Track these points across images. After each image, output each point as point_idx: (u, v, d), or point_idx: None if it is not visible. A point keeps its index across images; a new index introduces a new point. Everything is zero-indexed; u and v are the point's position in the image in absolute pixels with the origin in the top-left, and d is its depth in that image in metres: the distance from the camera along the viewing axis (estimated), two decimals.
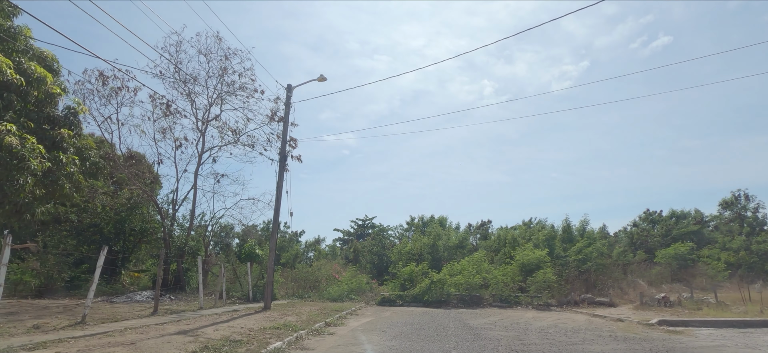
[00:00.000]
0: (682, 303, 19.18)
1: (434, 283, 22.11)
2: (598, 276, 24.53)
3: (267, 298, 16.98)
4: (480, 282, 22.17)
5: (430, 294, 21.98)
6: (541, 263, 24.03)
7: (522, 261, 24.43)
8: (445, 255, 31.46)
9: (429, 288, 22.15)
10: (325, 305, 20.63)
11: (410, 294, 22.74)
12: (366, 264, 38.08)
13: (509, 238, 32.59)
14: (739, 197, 43.97)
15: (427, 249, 32.09)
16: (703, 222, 43.47)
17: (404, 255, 32.29)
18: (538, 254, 24.17)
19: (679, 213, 44.10)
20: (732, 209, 44.34)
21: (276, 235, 17.54)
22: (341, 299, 23.49)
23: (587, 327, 13.62)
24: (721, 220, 44.93)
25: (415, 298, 22.38)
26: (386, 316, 16.88)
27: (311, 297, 24.65)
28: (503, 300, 21.66)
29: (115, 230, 23.90)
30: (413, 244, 33.14)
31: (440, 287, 22.04)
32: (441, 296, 21.89)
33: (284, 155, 17.65)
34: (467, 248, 33.27)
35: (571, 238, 28.98)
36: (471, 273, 22.60)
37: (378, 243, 38.59)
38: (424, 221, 38.80)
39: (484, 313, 18.27)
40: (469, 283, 22.04)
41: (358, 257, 40.76)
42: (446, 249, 31.79)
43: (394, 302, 22.59)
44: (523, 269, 24.39)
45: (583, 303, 20.70)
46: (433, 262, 30.79)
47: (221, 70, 22.11)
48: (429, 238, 32.28)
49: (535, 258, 24.03)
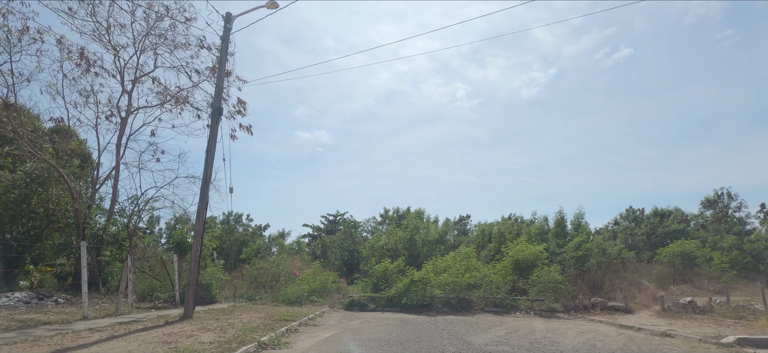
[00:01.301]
0: (716, 310, 15.25)
1: (415, 283, 17.50)
2: (601, 275, 20.51)
3: (189, 303, 11.96)
4: (469, 281, 17.69)
5: (409, 297, 17.35)
6: (538, 260, 19.82)
7: (515, 258, 20.13)
8: (424, 251, 26.94)
9: (408, 289, 17.52)
10: (276, 310, 15.67)
11: (385, 296, 18.05)
12: (334, 261, 33.19)
13: (495, 233, 28.42)
14: (722, 196, 41.35)
15: (403, 244, 27.51)
16: (686, 221, 40.63)
17: (377, 251, 27.62)
18: (535, 249, 19.94)
19: (662, 211, 41.11)
20: (714, 208, 41.74)
21: (204, 214, 12.48)
22: (300, 301, 18.58)
23: (634, 346, 9.28)
24: (703, 219, 42.26)
25: (391, 301, 17.71)
26: (354, 327, 12.14)
27: (263, 298, 19.61)
28: (497, 304, 17.26)
29: (11, 213, 18.18)
30: (387, 238, 28.51)
31: (422, 288, 17.44)
32: (423, 298, 17.30)
33: (218, 108, 12.66)
34: (448, 243, 28.91)
35: (564, 233, 25.01)
36: (458, 271, 18.12)
37: (348, 238, 33.72)
38: (399, 214, 34.23)
39: (480, 322, 13.77)
40: (457, 283, 17.54)
41: (326, 252, 35.81)
42: (425, 244, 27.29)
43: (365, 305, 17.85)
44: (517, 267, 20.11)
45: (594, 309, 16.53)
46: (411, 259, 26.23)
47: (148, 6, 16.75)
48: (405, 231, 27.72)
49: (531, 254, 19.78)
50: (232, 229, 42.80)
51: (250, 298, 19.50)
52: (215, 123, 12.58)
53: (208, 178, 12.36)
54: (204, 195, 12.36)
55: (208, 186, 12.41)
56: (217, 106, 12.62)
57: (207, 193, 12.41)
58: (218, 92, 12.79)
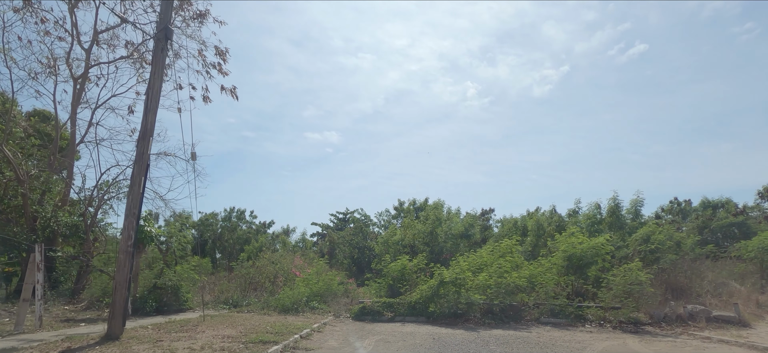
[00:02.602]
0: None
1: (445, 285, 13.08)
2: (681, 275, 15.89)
3: (115, 317, 7.82)
4: (519, 283, 13.21)
5: (438, 303, 12.97)
6: (598, 255, 15.28)
7: (569, 253, 15.58)
8: (448, 247, 22.51)
9: (436, 293, 13.15)
10: (262, 321, 11.43)
11: (406, 302, 13.70)
12: (343, 260, 28.94)
13: (531, 226, 23.81)
14: None
15: (422, 238, 23.11)
16: (743, 212, 35.36)
17: (392, 247, 23.28)
18: (595, 242, 15.36)
19: (714, 202, 35.94)
20: None
21: (140, 183, 8.23)
22: (297, 308, 14.32)
23: None
24: (760, 210, 36.89)
25: (414, 308, 13.36)
26: (366, 350, 7.83)
27: (252, 304, 15.38)
28: (556, 313, 12.77)
29: None
30: (404, 232, 24.13)
31: (455, 291, 13.03)
32: (456, 305, 12.89)
33: (165, 29, 8.44)
34: (473, 238, 24.34)
35: (620, 223, 20.31)
36: (502, 268, 13.62)
37: (358, 233, 29.42)
38: (416, 206, 29.79)
39: (545, 342, 9.34)
40: (502, 285, 13.08)
41: (334, 250, 31.58)
42: (449, 238, 22.84)
43: (380, 314, 13.52)
44: (571, 265, 15.59)
45: (694, 320, 11.94)
46: (432, 256, 21.82)
47: None
48: (425, 224, 23.28)
49: (590, 248, 15.22)
50: (234, 226, 38.90)
51: (236, 304, 15.27)
52: (159, 52, 8.42)
53: (147, 131, 8.19)
54: (141, 155, 8.17)
55: (148, 143, 8.23)
56: (164, 26, 8.45)
57: (146, 152, 8.22)
58: (166, 6, 8.61)
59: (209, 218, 38.51)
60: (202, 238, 37.29)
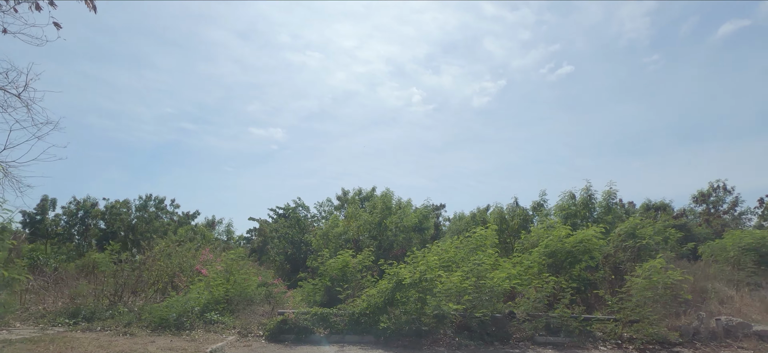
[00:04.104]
0: None
1: (403, 288, 8.74)
2: None
3: None
4: (504, 286, 9.16)
5: (393, 315, 8.65)
6: (587, 252, 11.85)
7: (552, 248, 11.96)
8: (399, 241, 18.32)
9: (390, 301, 8.80)
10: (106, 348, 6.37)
11: (346, 314, 9.19)
12: (276, 256, 23.84)
13: (491, 219, 20.25)
14: (718, 189, 35.69)
15: (369, 231, 18.78)
16: (684, 215, 34.57)
17: (333, 240, 18.77)
18: (584, 236, 11.86)
19: (655, 205, 34.83)
20: (707, 203, 36.07)
21: None
22: (185, 323, 9.30)
23: None
24: (694, 215, 36.48)
25: (358, 323, 8.90)
26: None
27: (120, 316, 10.06)
28: (554, 329, 8.86)
29: None
30: (347, 223, 19.65)
31: (419, 297, 8.72)
32: (419, 319, 8.61)
33: None
34: (428, 233, 20.36)
35: (593, 216, 17.27)
36: (483, 266, 9.49)
37: (294, 226, 24.43)
38: (362, 196, 25.31)
39: None
40: (483, 289, 8.96)
41: (267, 245, 26.34)
42: (400, 232, 18.65)
43: (308, 332, 8.90)
44: (555, 262, 11.99)
45: (736, 338, 8.56)
46: (380, 251, 17.56)
47: None
48: (372, 215, 18.95)
49: (579, 243, 11.75)
50: (151, 216, 32.18)
51: (91, 316, 9.85)
52: None
53: None
54: None
55: None
56: None
57: None
58: None
59: (118, 206, 31.43)
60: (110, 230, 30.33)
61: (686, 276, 9.19)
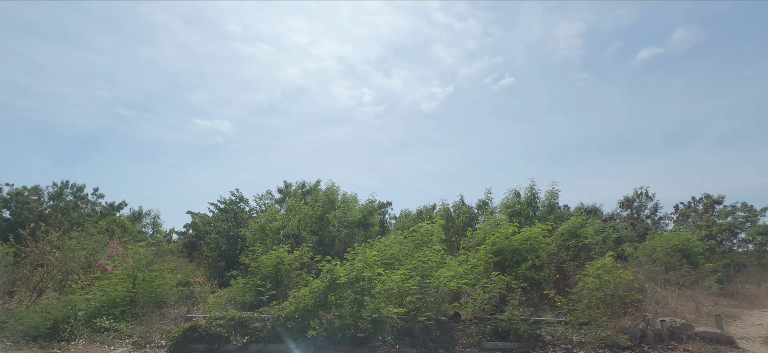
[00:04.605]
0: None
1: (338, 288, 7.41)
2: None
3: None
4: (450, 286, 8.10)
5: (325, 320, 7.29)
6: (533, 250, 11.26)
7: (499, 246, 11.22)
8: (342, 236, 16.96)
9: (323, 302, 7.43)
10: None
11: (272, 317, 7.69)
12: (209, 252, 21.49)
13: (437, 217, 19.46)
14: (641, 196, 37.72)
15: (310, 226, 17.24)
16: (611, 219, 36.22)
17: (270, 235, 17.02)
18: (530, 233, 11.23)
19: (588, 208, 36.14)
20: (631, 208, 38.07)
21: None
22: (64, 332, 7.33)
23: None
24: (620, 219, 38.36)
25: (285, 329, 7.45)
26: None
27: None
28: (502, 333, 7.92)
29: None
30: (287, 217, 17.96)
31: (355, 299, 7.43)
32: (355, 324, 7.33)
33: None
34: (374, 229, 19.18)
35: (536, 215, 16.96)
36: (428, 264, 8.38)
37: (230, 219, 22.22)
38: (305, 190, 23.59)
39: None
40: (428, 289, 7.84)
41: (201, 240, 23.82)
42: (343, 227, 17.30)
43: (223, 339, 7.30)
44: (502, 261, 11.27)
45: (681, 340, 8.12)
46: (321, 248, 16.09)
47: None
48: (314, 209, 17.44)
49: (525, 241, 11.12)
50: (69, 206, 28.18)
51: None
52: None
53: None
54: None
55: None
56: None
57: None
58: None
59: (26, 193, 27.19)
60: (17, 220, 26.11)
61: (637, 275, 8.69)
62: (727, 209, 31.81)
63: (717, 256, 22.89)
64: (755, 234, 29.78)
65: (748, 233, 30.01)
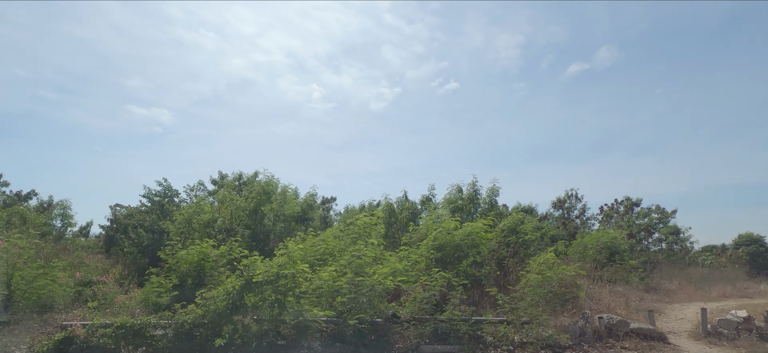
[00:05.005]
0: None
1: (255, 287, 6.21)
2: None
3: None
4: (387, 284, 7.20)
5: (240, 326, 6.05)
6: (474, 246, 10.72)
7: (440, 241, 10.57)
8: (278, 231, 15.55)
9: (236, 305, 6.20)
10: None
11: (175, 324, 6.30)
12: (130, 248, 18.97)
13: (381, 213, 18.63)
14: (571, 197, 39.55)
15: (244, 219, 15.67)
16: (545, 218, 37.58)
17: (198, 229, 15.21)
18: (471, 228, 10.68)
19: (525, 207, 37.25)
20: (563, 208, 39.84)
21: None
22: None
23: None
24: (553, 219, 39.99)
25: (190, 338, 6.11)
26: None
27: None
28: (442, 334, 7.16)
29: None
30: (218, 210, 16.23)
31: (276, 300, 6.26)
32: (275, 329, 6.17)
33: None
34: (315, 224, 17.94)
35: (477, 212, 16.66)
36: (364, 260, 7.42)
37: (155, 210, 19.87)
38: (242, 181, 21.71)
39: None
40: (362, 287, 6.87)
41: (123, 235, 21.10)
42: (280, 221, 15.90)
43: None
44: (444, 257, 10.63)
45: (617, 337, 7.84)
46: (255, 243, 14.64)
47: None
48: (247, 201, 15.86)
49: (467, 236, 10.55)
50: None
51: None
52: None
53: None
54: None
55: None
56: None
57: None
58: None
59: None
60: None
61: (581, 271, 8.33)
62: (644, 210, 34.09)
63: (636, 254, 24.11)
64: (667, 234, 32.17)
65: (661, 233, 32.36)
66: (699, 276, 21.48)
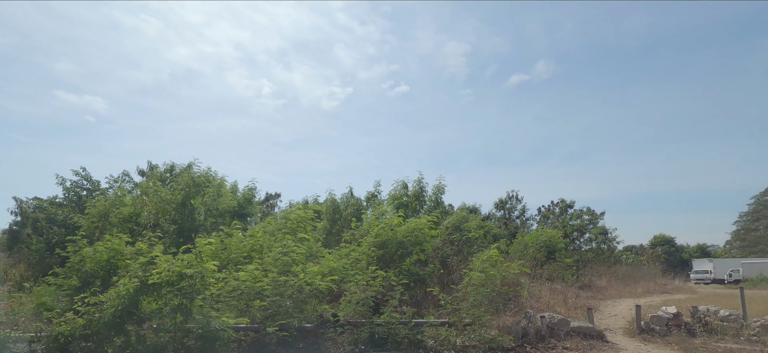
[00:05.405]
0: (714, 326, 8.24)
1: (152, 289, 5.02)
2: None
3: None
4: (320, 285, 6.25)
5: (136, 336, 4.83)
6: (418, 244, 10.09)
7: (383, 238, 9.82)
8: (209, 227, 13.96)
9: (128, 311, 4.97)
10: None
11: (49, 337, 4.94)
12: (37, 245, 16.37)
13: (325, 209, 17.65)
14: (512, 198, 40.77)
15: (172, 213, 13.94)
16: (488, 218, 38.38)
17: (118, 224, 13.30)
18: (415, 225, 10.04)
19: (470, 207, 37.78)
20: (504, 209, 40.99)
21: None
22: None
23: None
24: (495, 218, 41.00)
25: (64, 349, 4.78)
26: None
27: None
28: (379, 340, 6.37)
29: None
30: (141, 203, 14.33)
31: (179, 304, 5.10)
32: (180, 339, 5.01)
33: None
34: (256, 220, 16.51)
35: (423, 209, 16.16)
36: (293, 257, 6.42)
37: (70, 205, 17.38)
38: (174, 173, 19.59)
39: None
40: (289, 288, 5.87)
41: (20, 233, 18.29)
42: (213, 216, 14.34)
43: None
44: (385, 255, 9.89)
45: (558, 336, 7.48)
46: (184, 240, 12.94)
47: None
48: (175, 193, 14.13)
49: (410, 233, 9.89)
50: None
51: None
52: None
53: None
54: None
55: None
56: None
57: None
58: None
59: None
60: None
61: (523, 269, 7.90)
62: (577, 212, 35.77)
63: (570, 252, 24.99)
64: (597, 234, 33.97)
65: (591, 233, 34.11)
66: (625, 274, 22.62)
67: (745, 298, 8.91)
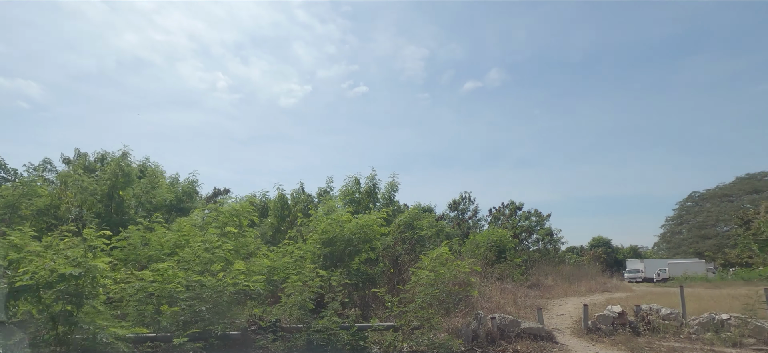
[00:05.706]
0: (657, 324, 8.27)
1: (25, 294, 3.95)
2: None
3: None
4: (251, 287, 5.38)
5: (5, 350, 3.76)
6: (368, 241, 9.46)
7: (330, 235, 9.07)
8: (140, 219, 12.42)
9: None
10: None
11: None
12: None
13: (273, 205, 16.56)
14: (465, 199, 41.32)
15: (96, 205, 12.29)
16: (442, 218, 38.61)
17: (28, 217, 11.46)
18: (365, 221, 9.37)
19: (425, 207, 37.73)
20: (458, 209, 41.46)
21: None
22: None
23: None
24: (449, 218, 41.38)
25: None
26: None
27: None
28: (316, 347, 5.60)
29: None
30: (61, 193, 12.51)
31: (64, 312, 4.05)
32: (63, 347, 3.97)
33: None
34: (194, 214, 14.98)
35: (376, 207, 15.53)
36: (219, 253, 5.51)
37: None
38: (104, 161, 17.53)
39: None
40: (211, 290, 4.95)
41: None
42: (144, 207, 12.83)
43: None
44: (333, 253, 9.16)
45: (509, 338, 7.09)
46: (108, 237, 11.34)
47: None
48: (100, 183, 12.47)
49: (360, 229, 9.22)
50: None
51: None
52: None
53: None
54: None
55: None
56: None
57: None
58: None
59: None
60: None
61: (474, 267, 7.45)
62: (525, 213, 36.69)
63: (518, 252, 25.38)
64: (544, 235, 34.99)
65: (539, 233, 35.09)
66: (568, 273, 23.30)
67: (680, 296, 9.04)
